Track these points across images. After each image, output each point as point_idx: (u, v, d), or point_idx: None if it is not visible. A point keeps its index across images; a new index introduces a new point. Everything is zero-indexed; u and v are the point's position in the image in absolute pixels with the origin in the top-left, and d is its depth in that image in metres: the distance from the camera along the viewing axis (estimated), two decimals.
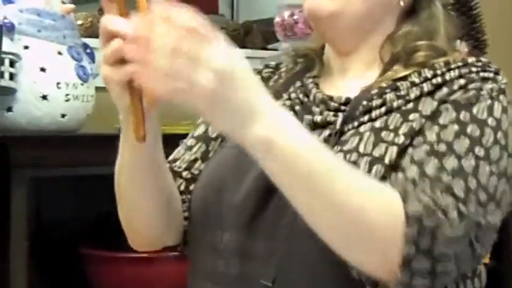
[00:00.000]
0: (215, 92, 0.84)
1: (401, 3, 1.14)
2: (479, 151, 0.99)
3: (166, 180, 1.12)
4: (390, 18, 1.15)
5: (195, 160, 1.20)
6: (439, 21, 1.15)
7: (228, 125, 0.88)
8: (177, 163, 1.21)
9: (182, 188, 1.18)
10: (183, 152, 1.22)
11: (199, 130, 1.23)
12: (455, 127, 1.01)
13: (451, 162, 0.98)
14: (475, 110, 1.03)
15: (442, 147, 0.99)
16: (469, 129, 1.01)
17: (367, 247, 0.92)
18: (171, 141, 1.21)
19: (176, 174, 1.18)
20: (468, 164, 0.98)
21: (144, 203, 1.11)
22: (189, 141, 1.23)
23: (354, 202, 0.90)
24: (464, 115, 1.02)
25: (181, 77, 0.82)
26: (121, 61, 0.90)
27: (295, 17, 2.30)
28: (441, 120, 1.02)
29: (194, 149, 1.21)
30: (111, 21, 0.91)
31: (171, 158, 1.22)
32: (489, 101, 1.04)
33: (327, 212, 0.90)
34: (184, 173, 1.19)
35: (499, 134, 1.02)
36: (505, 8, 2.97)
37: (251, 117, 0.86)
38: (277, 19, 2.36)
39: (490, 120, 1.02)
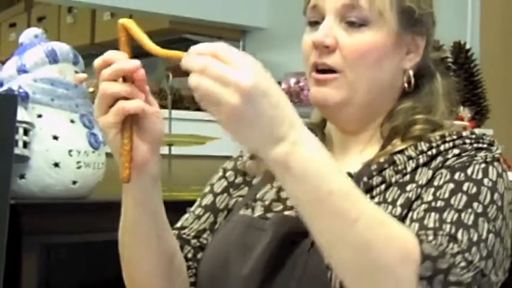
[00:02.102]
0: (240, 112, 0.86)
1: (407, 86, 1.16)
2: (478, 207, 1.00)
3: (168, 239, 1.14)
4: (393, 97, 1.16)
5: (204, 230, 1.23)
6: (439, 96, 1.17)
7: (251, 145, 0.91)
8: (186, 231, 1.23)
9: (190, 255, 1.20)
10: (191, 221, 1.24)
11: (207, 200, 1.25)
12: (451, 185, 1.02)
13: (450, 215, 0.99)
14: (469, 171, 1.04)
15: (440, 204, 1.00)
16: (465, 187, 1.02)
17: (380, 282, 0.91)
18: (181, 207, 1.24)
19: (184, 242, 1.21)
20: (468, 217, 0.99)
21: (145, 260, 1.12)
22: (197, 210, 1.25)
23: (373, 231, 0.90)
24: (459, 175, 1.04)
25: (210, 96, 0.87)
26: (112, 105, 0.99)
27: (301, 84, 2.34)
28: (436, 183, 1.04)
29: (203, 219, 1.23)
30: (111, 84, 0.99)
31: (179, 225, 1.24)
32: (483, 165, 1.05)
33: (344, 238, 0.90)
34: (193, 241, 1.22)
35: (496, 195, 1.03)
36: (506, 73, 3.02)
37: (273, 139, 0.88)
38: (283, 86, 2.39)
39: (485, 181, 1.04)
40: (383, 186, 1.08)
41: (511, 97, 2.99)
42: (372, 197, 1.08)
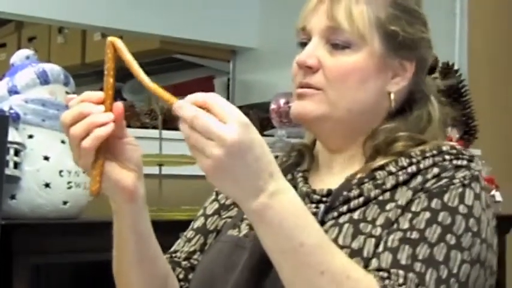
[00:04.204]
0: (223, 164, 0.90)
1: (391, 106, 1.17)
2: (451, 239, 1.03)
3: (161, 261, 1.15)
4: (378, 118, 1.17)
5: (194, 251, 1.24)
6: (431, 121, 1.17)
7: (232, 195, 0.97)
8: (177, 254, 1.25)
9: (181, 276, 1.22)
10: (182, 244, 1.26)
11: (199, 222, 1.27)
12: (427, 215, 1.04)
13: (423, 251, 1.01)
14: (446, 198, 1.06)
15: (415, 235, 1.03)
16: (440, 217, 1.04)
17: None
18: (172, 228, 1.25)
19: (176, 264, 1.23)
20: (440, 252, 1.01)
21: (139, 284, 1.13)
22: (188, 233, 1.27)
23: (338, 284, 0.94)
24: (436, 203, 1.05)
25: (197, 147, 0.91)
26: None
27: (291, 104, 2.36)
28: (413, 208, 1.06)
29: (193, 241, 1.25)
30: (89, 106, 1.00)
31: (172, 249, 1.27)
32: (460, 189, 1.07)
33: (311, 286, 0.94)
34: (184, 263, 1.23)
35: (471, 221, 1.05)
36: (494, 93, 3.04)
37: (253, 192, 0.93)
38: (273, 106, 2.41)
39: (461, 208, 1.05)
40: (361, 199, 1.10)
41: (498, 117, 3.02)
42: (351, 210, 1.10)
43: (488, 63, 3.03)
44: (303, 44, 1.17)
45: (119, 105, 1.01)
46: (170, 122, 2.69)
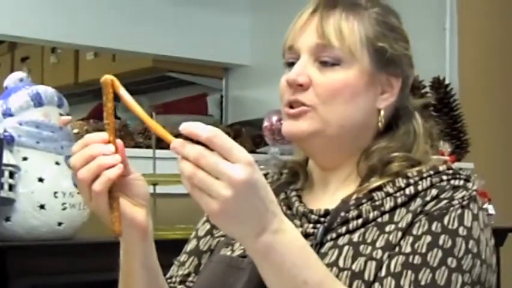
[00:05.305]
0: (230, 205, 0.90)
1: (380, 125, 1.18)
2: (452, 262, 1.04)
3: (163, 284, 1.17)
4: (368, 135, 1.18)
5: (189, 274, 1.25)
6: (417, 137, 1.19)
7: (236, 235, 0.97)
8: (172, 279, 1.26)
9: None
10: (176, 269, 1.27)
11: (191, 245, 1.28)
12: (428, 238, 1.06)
13: (425, 276, 1.03)
14: (446, 221, 1.07)
15: (417, 260, 1.04)
16: (441, 241, 1.05)
17: None
18: (166, 247, 1.26)
19: None
20: (441, 276, 1.03)
21: None
22: (182, 257, 1.28)
23: None
24: (436, 226, 1.07)
25: (203, 187, 0.90)
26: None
27: (283, 121, 2.37)
28: (414, 231, 1.07)
29: (187, 264, 1.26)
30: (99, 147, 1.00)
31: (167, 275, 1.27)
32: (459, 211, 1.08)
33: None
34: (179, 287, 1.24)
35: (471, 243, 1.06)
36: (485, 107, 3.06)
37: (257, 231, 0.93)
38: (265, 123, 2.41)
39: (460, 230, 1.07)
40: (360, 221, 1.10)
41: (490, 131, 3.03)
42: (350, 231, 1.10)
43: (479, 77, 3.05)
44: (290, 64, 1.17)
45: (120, 143, 1.02)
46: (164, 141, 2.71)
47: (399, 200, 1.11)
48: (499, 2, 3.17)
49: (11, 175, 1.72)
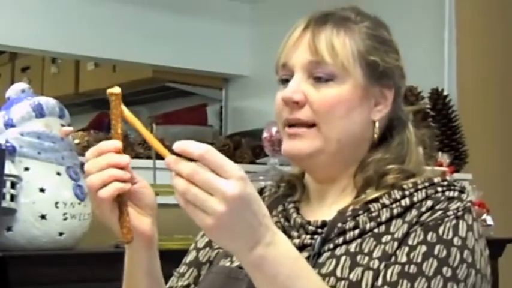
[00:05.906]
0: (224, 220, 0.91)
1: (375, 136, 1.19)
2: (447, 272, 1.06)
3: None
4: (364, 147, 1.20)
5: (188, 285, 1.26)
6: (411, 146, 1.21)
7: (230, 248, 0.98)
8: None
9: None
10: (176, 280, 1.27)
11: (191, 257, 1.29)
12: (424, 248, 1.07)
13: (421, 285, 1.04)
14: (441, 231, 1.09)
15: (412, 269, 1.06)
16: (436, 250, 1.07)
17: None
18: (165, 257, 1.27)
19: None
20: (437, 285, 1.05)
21: None
22: (181, 268, 1.29)
23: None
24: (431, 236, 1.08)
25: (197, 203, 0.91)
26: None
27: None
28: (410, 241, 1.08)
29: (187, 275, 1.27)
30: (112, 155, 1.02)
31: (167, 286, 1.27)
32: (454, 221, 1.10)
33: None
34: None
35: (466, 253, 1.08)
36: (484, 117, 3.07)
37: (250, 244, 0.95)
38: (265, 134, 2.42)
39: (455, 240, 1.08)
40: (356, 232, 1.12)
41: (489, 142, 3.04)
42: (347, 242, 1.12)
43: (477, 88, 3.06)
44: (284, 81, 1.19)
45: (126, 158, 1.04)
46: None
47: (395, 211, 1.12)
48: (498, 14, 3.18)
49: (13, 185, 1.74)
